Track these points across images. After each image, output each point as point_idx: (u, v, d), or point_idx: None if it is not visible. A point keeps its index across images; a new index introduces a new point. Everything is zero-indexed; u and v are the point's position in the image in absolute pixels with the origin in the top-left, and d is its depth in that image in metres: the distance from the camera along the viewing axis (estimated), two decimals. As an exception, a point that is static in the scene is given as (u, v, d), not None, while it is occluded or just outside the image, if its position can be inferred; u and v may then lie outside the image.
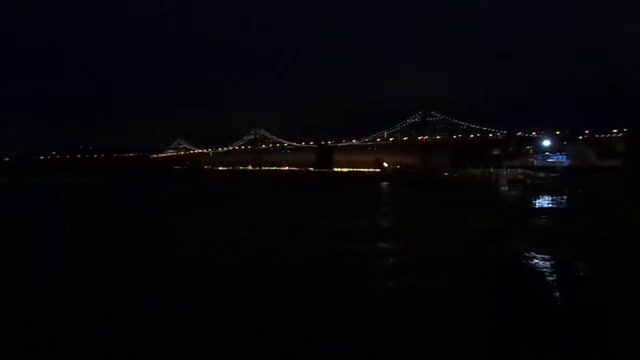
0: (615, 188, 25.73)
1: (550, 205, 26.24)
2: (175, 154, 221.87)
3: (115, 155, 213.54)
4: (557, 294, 7.83)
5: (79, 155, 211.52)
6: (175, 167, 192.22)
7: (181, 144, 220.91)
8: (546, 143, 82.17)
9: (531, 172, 54.71)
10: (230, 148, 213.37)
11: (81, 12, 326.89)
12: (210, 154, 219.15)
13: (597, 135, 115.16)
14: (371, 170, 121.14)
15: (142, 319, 6.76)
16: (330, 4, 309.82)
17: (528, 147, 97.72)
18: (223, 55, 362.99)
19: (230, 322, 6.68)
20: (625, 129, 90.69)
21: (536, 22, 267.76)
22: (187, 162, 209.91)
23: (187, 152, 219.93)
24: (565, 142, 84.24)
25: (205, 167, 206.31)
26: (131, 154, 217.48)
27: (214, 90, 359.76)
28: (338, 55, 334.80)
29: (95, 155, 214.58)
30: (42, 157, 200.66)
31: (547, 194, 32.83)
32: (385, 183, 58.36)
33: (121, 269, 10.09)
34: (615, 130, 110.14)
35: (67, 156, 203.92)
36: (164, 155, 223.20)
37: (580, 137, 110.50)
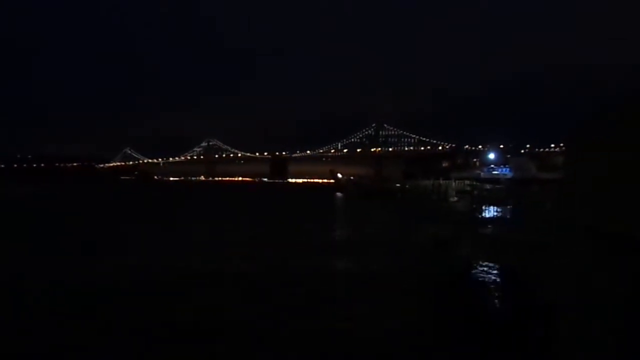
0: (554, 199, 27.37)
1: (495, 215, 27.46)
2: (123, 163, 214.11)
3: (57, 165, 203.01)
4: (503, 299, 8.21)
5: (15, 165, 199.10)
6: (123, 178, 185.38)
7: (130, 153, 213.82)
8: (491, 156, 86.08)
9: (478, 184, 57.11)
10: (182, 158, 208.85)
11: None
12: (161, 164, 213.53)
13: (536, 150, 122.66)
14: (325, 181, 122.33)
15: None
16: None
17: (475, 159, 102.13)
18: (178, 62, 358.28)
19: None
20: (561, 144, 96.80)
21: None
22: (136, 172, 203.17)
23: (136, 162, 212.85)
24: (508, 156, 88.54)
25: (156, 177, 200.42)
26: (75, 164, 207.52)
27: (166, 98, 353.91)
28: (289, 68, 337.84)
29: (35, 165, 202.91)
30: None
31: (493, 204, 34.38)
32: (339, 194, 58.94)
33: None
34: (553, 145, 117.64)
35: (2, 165, 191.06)
36: (111, 165, 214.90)
37: (522, 151, 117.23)
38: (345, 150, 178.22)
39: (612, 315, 7.08)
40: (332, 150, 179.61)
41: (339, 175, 77.86)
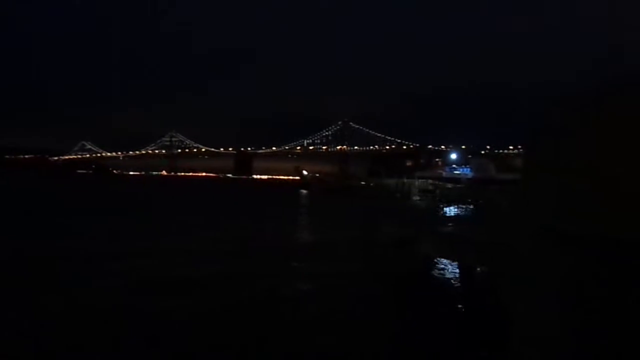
0: (511, 198, 28.17)
1: (456, 214, 27.97)
2: (80, 156, 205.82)
3: (7, 156, 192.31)
4: (462, 296, 8.25)
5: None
6: (79, 171, 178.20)
7: (89, 147, 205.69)
8: (453, 156, 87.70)
9: (440, 183, 58.12)
10: (143, 152, 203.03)
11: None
12: (121, 158, 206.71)
13: (496, 151, 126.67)
14: (291, 177, 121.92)
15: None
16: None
17: (437, 159, 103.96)
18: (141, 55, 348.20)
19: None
20: (519, 146, 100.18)
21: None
22: (93, 166, 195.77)
23: (94, 155, 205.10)
24: (469, 156, 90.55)
25: (115, 171, 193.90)
26: (27, 156, 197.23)
27: (126, 91, 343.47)
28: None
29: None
30: None
31: (454, 203, 35.05)
32: (304, 191, 58.80)
33: None
34: (511, 147, 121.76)
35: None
36: (67, 157, 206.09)
37: (483, 152, 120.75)
38: (311, 148, 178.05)
39: (565, 303, 7.19)
40: (298, 148, 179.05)
41: (304, 172, 77.65)
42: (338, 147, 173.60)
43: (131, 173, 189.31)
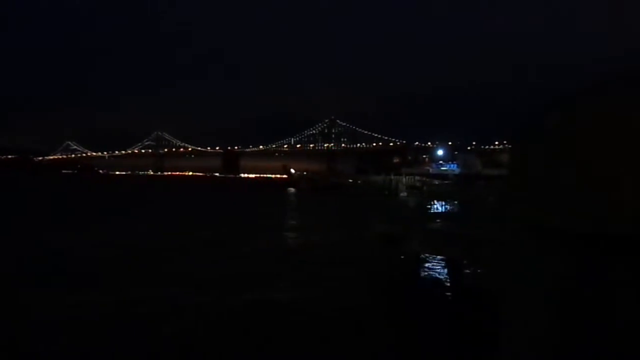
0: (497, 194, 28.62)
1: (444, 210, 28.32)
2: (65, 156, 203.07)
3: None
4: (450, 291, 8.52)
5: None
6: (64, 171, 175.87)
7: (74, 147, 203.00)
8: (440, 153, 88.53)
9: (427, 179, 58.67)
10: (129, 151, 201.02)
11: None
12: (107, 158, 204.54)
13: (482, 147, 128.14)
14: (278, 176, 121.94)
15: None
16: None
17: (424, 156, 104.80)
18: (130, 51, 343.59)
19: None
20: (505, 142, 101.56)
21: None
22: (79, 166, 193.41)
23: (80, 155, 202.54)
24: (456, 152, 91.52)
25: (101, 171, 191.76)
26: (10, 156, 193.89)
27: (112, 89, 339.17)
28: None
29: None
30: None
31: (441, 199, 35.45)
32: (292, 189, 58.91)
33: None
34: (497, 142, 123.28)
35: None
36: (52, 157, 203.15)
37: (469, 148, 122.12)
38: (298, 146, 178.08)
39: (560, 300, 7.48)
40: (285, 146, 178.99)
41: (292, 171, 77.71)
42: (325, 145, 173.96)
43: (117, 173, 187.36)
